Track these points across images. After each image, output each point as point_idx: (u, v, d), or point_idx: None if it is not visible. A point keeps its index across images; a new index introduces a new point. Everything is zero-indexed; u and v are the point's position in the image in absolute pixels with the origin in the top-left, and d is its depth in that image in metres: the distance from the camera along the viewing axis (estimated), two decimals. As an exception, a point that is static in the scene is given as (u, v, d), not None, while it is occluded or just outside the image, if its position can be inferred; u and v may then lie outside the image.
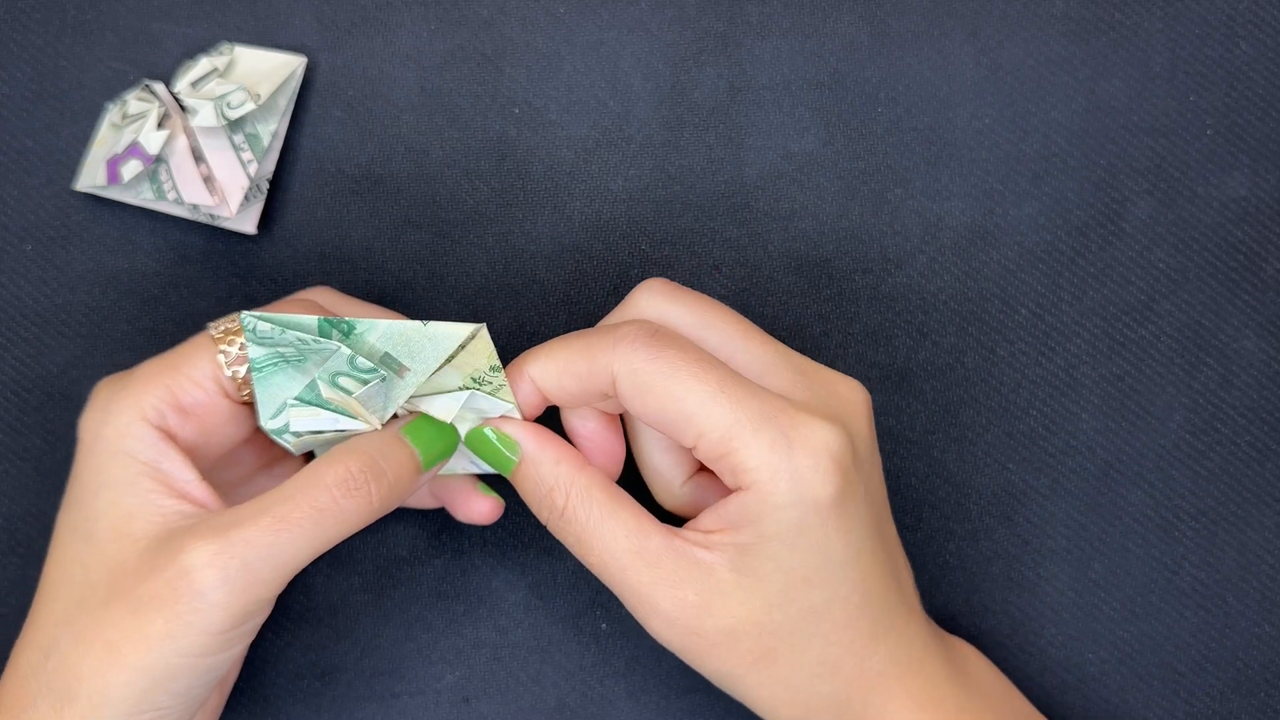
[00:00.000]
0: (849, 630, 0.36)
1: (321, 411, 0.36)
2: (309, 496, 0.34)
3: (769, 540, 0.35)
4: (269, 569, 0.33)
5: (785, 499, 0.34)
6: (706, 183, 0.44)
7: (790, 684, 0.36)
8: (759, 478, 0.34)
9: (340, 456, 0.35)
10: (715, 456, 0.35)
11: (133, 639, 0.33)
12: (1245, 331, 0.44)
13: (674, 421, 0.35)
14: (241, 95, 0.42)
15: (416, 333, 0.36)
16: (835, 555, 0.35)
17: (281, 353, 0.35)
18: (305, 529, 0.33)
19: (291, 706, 0.43)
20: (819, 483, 0.34)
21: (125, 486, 0.34)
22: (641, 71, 0.44)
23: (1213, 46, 0.44)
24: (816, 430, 0.34)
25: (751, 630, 0.35)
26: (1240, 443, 0.44)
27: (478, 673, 0.43)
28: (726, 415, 0.34)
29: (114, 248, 0.44)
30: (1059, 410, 0.44)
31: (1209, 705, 0.43)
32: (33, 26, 0.44)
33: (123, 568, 0.34)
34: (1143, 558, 0.44)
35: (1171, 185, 0.44)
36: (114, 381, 0.36)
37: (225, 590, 0.33)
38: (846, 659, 0.36)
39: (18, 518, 0.43)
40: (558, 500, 0.36)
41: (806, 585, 0.35)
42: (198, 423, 0.36)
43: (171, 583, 0.33)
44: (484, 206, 0.44)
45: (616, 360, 0.35)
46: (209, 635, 0.33)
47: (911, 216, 0.44)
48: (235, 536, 0.33)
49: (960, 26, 0.44)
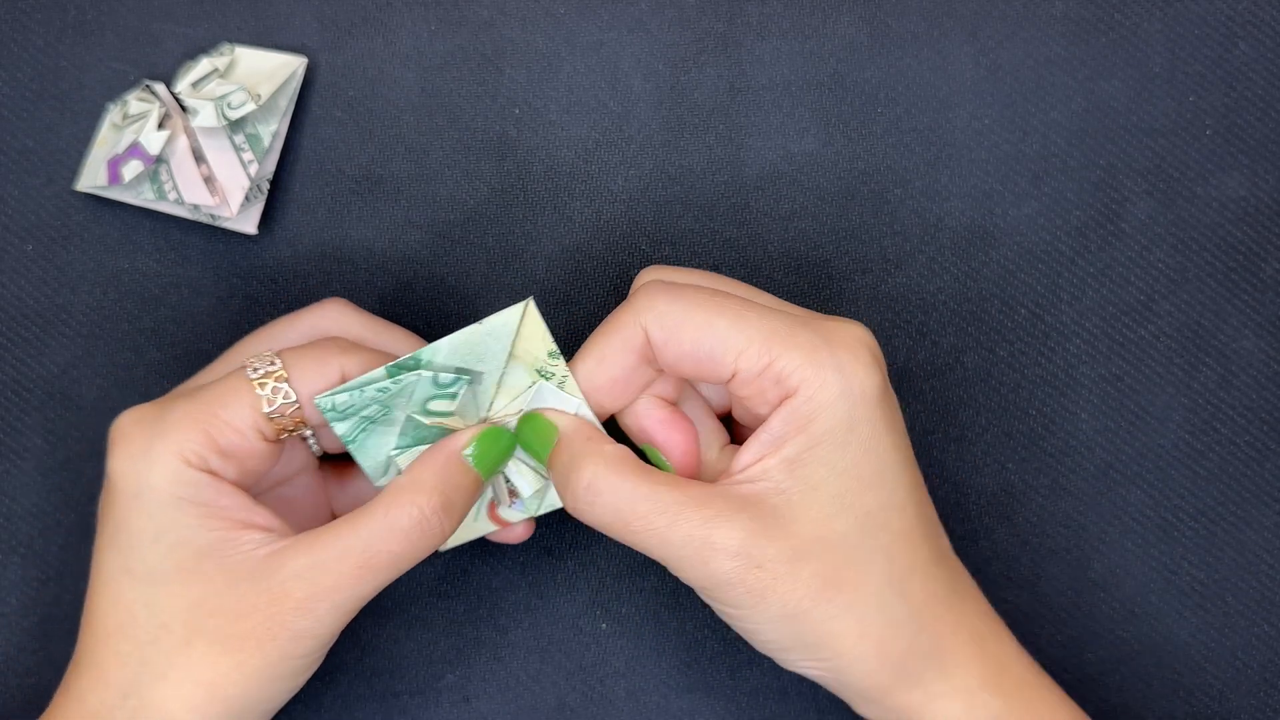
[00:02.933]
0: (909, 544, 0.35)
1: (423, 449, 0.37)
2: (386, 544, 0.35)
3: (819, 443, 0.34)
4: (354, 604, 0.36)
5: (833, 392, 0.34)
6: (706, 183, 0.44)
7: (861, 612, 0.35)
8: (806, 375, 0.34)
9: (410, 496, 0.36)
10: (757, 371, 0.35)
11: (230, 674, 0.35)
12: (1244, 331, 0.44)
13: (710, 350, 0.35)
14: (242, 96, 0.42)
15: (477, 335, 0.36)
16: (886, 456, 0.35)
17: (366, 417, 0.37)
18: (384, 573, 0.36)
19: (291, 706, 0.43)
20: (863, 373, 0.34)
21: (192, 530, 0.35)
22: (641, 72, 0.44)
23: (1212, 47, 0.44)
24: (849, 327, 0.35)
25: (815, 548, 0.34)
26: (1239, 442, 0.44)
27: (478, 673, 0.43)
28: (760, 325, 0.35)
29: (114, 248, 0.44)
30: (1058, 410, 0.44)
31: (1209, 705, 0.43)
32: (34, 27, 0.44)
33: (203, 608, 0.35)
34: (1142, 558, 0.44)
35: (1171, 185, 0.44)
36: (145, 421, 0.36)
37: (316, 626, 0.35)
38: (912, 581, 0.35)
39: (18, 518, 0.43)
40: (584, 472, 0.35)
41: (861, 488, 0.35)
42: (237, 464, 0.36)
43: (267, 624, 0.35)
44: (484, 206, 0.44)
45: (641, 314, 0.35)
46: (300, 660, 0.36)
47: (911, 217, 0.44)
48: (324, 584, 0.35)
49: (960, 27, 0.44)
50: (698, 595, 0.44)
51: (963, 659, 0.36)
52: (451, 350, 0.36)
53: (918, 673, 0.35)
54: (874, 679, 0.35)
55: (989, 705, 0.35)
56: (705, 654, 0.43)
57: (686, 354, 0.35)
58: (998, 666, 0.36)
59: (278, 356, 0.36)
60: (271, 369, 0.36)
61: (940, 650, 0.36)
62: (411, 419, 0.37)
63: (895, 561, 0.35)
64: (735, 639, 0.43)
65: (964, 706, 0.35)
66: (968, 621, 0.36)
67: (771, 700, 0.43)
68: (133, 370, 0.44)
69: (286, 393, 0.36)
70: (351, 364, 0.36)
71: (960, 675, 0.36)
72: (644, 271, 0.39)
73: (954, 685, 0.35)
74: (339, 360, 0.37)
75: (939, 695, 0.35)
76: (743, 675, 0.43)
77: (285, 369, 0.36)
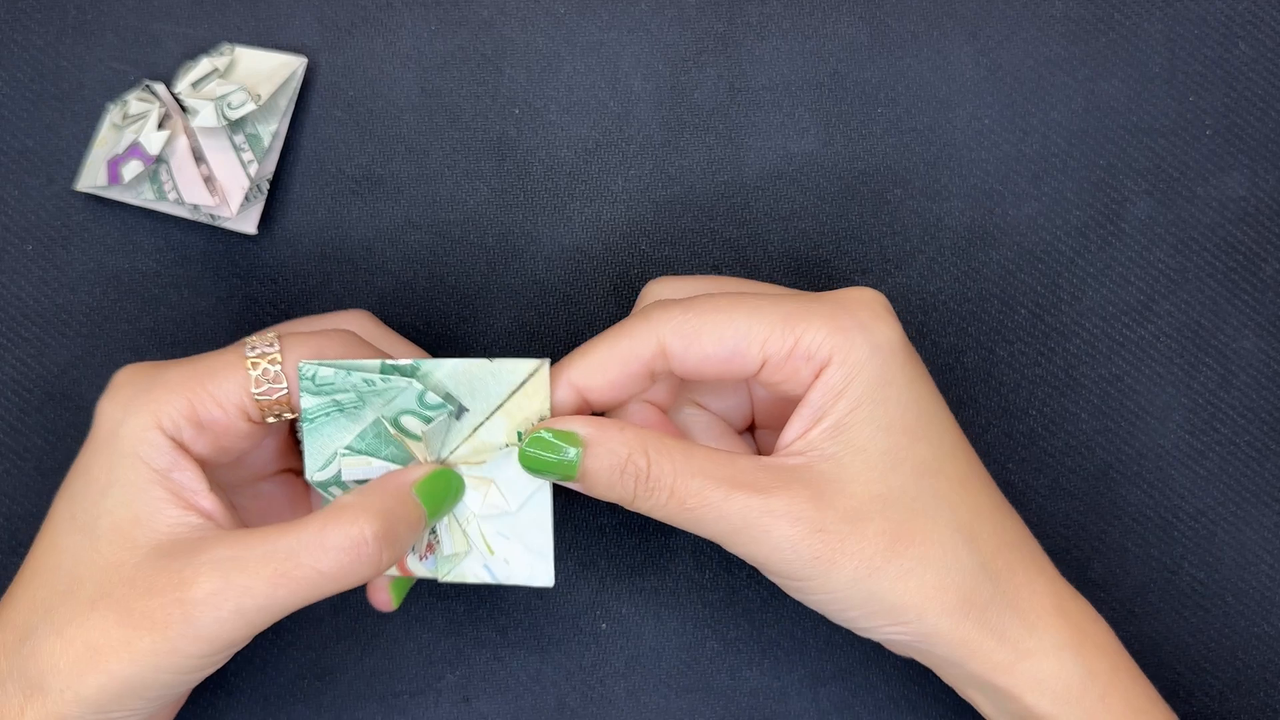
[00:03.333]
0: (969, 490, 0.35)
1: (373, 460, 0.36)
2: (314, 558, 0.33)
3: (859, 404, 0.34)
4: (263, 615, 0.34)
5: (864, 351, 0.34)
6: (706, 183, 0.44)
7: (935, 562, 0.34)
8: (835, 343, 0.34)
9: (351, 517, 0.34)
10: (785, 353, 0.35)
11: (117, 648, 0.33)
12: (1244, 331, 0.44)
13: (734, 346, 0.35)
14: (242, 96, 0.42)
15: (481, 369, 0.35)
16: (925, 404, 0.35)
17: (338, 401, 0.36)
18: (305, 587, 0.33)
19: (291, 706, 0.43)
20: (886, 328, 0.35)
21: (135, 490, 0.35)
22: (641, 72, 0.44)
23: (1211, 47, 0.44)
24: (860, 290, 0.36)
25: (875, 506, 0.34)
26: (1239, 443, 0.44)
27: (478, 673, 0.43)
28: (778, 310, 0.35)
29: (114, 248, 0.44)
30: (1058, 410, 0.44)
31: (1209, 705, 0.43)
32: (33, 27, 0.44)
33: (118, 573, 0.34)
34: (1142, 557, 0.44)
35: (1171, 185, 0.44)
36: (139, 377, 0.36)
37: (216, 627, 0.33)
38: (980, 526, 0.35)
39: (18, 518, 0.43)
40: (639, 461, 0.34)
41: (910, 438, 0.35)
42: (213, 439, 0.36)
43: (166, 609, 0.33)
44: (484, 206, 0.44)
45: (658, 326, 0.35)
46: (192, 659, 0.34)
47: (911, 217, 0.44)
48: (236, 582, 0.33)
49: (960, 27, 0.44)
50: (698, 595, 0.44)
51: (1045, 614, 0.35)
52: (450, 373, 0.35)
53: (1003, 626, 0.34)
54: (959, 633, 0.34)
55: (1076, 667, 0.35)
56: (705, 654, 0.43)
57: (709, 356, 0.35)
58: (1079, 626, 0.35)
59: (279, 339, 0.36)
60: (269, 350, 0.36)
61: (1020, 603, 0.35)
62: (379, 424, 0.36)
63: (959, 509, 0.35)
64: (735, 639, 0.43)
65: (1054, 665, 0.34)
66: (1042, 573, 0.36)
67: (771, 700, 0.43)
68: (133, 370, 0.44)
69: (276, 375, 0.36)
70: (351, 355, 0.36)
71: (1046, 632, 0.35)
72: (649, 287, 0.39)
73: (1042, 642, 0.35)
74: (338, 352, 0.36)
75: (1028, 653, 0.34)
76: (743, 675, 0.43)
77: (282, 353, 0.36)
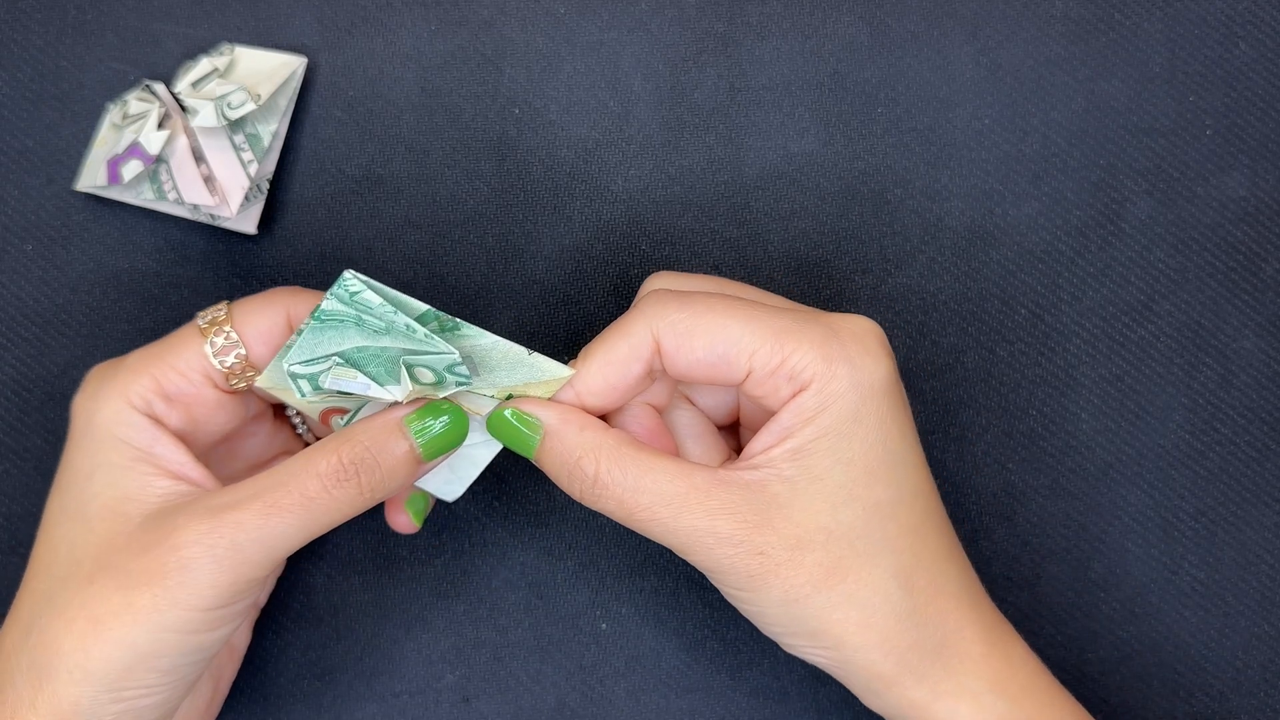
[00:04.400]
0: (918, 537, 0.35)
1: (358, 374, 0.35)
2: (300, 483, 0.34)
3: (826, 434, 0.34)
4: (257, 550, 0.33)
5: (843, 384, 0.34)
6: (706, 183, 0.44)
7: (863, 601, 0.35)
8: (817, 369, 0.34)
9: (334, 445, 0.35)
10: (771, 369, 0.35)
11: (118, 612, 0.33)
12: (1245, 331, 0.44)
13: (724, 353, 0.35)
14: (242, 95, 0.42)
15: (516, 356, 0.35)
16: (894, 447, 0.35)
17: (361, 319, 0.35)
18: (295, 515, 0.33)
19: (291, 706, 0.43)
20: (872, 365, 0.35)
21: (121, 470, 0.35)
22: (641, 72, 0.44)
23: (1212, 47, 0.44)
24: (857, 320, 0.36)
25: (818, 537, 0.34)
26: (1240, 442, 0.44)
27: (478, 673, 0.43)
28: (771, 325, 0.35)
29: (114, 248, 0.44)
30: (1058, 410, 0.44)
31: (1209, 705, 0.43)
32: (33, 26, 0.44)
33: (112, 545, 0.34)
34: (1142, 557, 0.44)
35: (1171, 185, 0.44)
36: (105, 368, 0.37)
37: (214, 568, 0.33)
38: (920, 572, 0.35)
39: (18, 518, 0.43)
40: (588, 467, 0.35)
41: (869, 478, 0.35)
42: (185, 411, 0.36)
43: (161, 559, 0.33)
44: (484, 206, 0.44)
45: (653, 321, 0.35)
46: (196, 611, 0.33)
47: (911, 217, 0.44)
48: (226, 518, 0.33)
49: (960, 27, 0.44)
50: (698, 595, 0.44)
51: (970, 658, 0.36)
52: (487, 347, 0.35)
53: (923, 668, 0.35)
54: (877, 669, 0.35)
55: (995, 708, 0.35)
56: (705, 654, 0.43)
57: (699, 360, 0.35)
58: (1006, 668, 0.36)
59: (227, 304, 0.37)
60: (219, 315, 0.36)
61: (946, 647, 0.35)
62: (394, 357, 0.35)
63: (902, 555, 0.35)
64: (735, 639, 0.43)
65: (971, 707, 0.35)
66: (977, 620, 0.36)
67: (771, 701, 0.43)
68: (133, 370, 0.44)
69: (229, 334, 0.36)
70: (299, 305, 0.36)
71: (967, 675, 0.35)
72: (650, 279, 0.39)
73: (961, 684, 0.35)
74: (285, 300, 0.36)
75: (945, 693, 0.35)
76: (743, 676, 0.43)
77: (230, 314, 0.36)
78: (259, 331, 0.36)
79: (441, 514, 0.44)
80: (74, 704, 0.33)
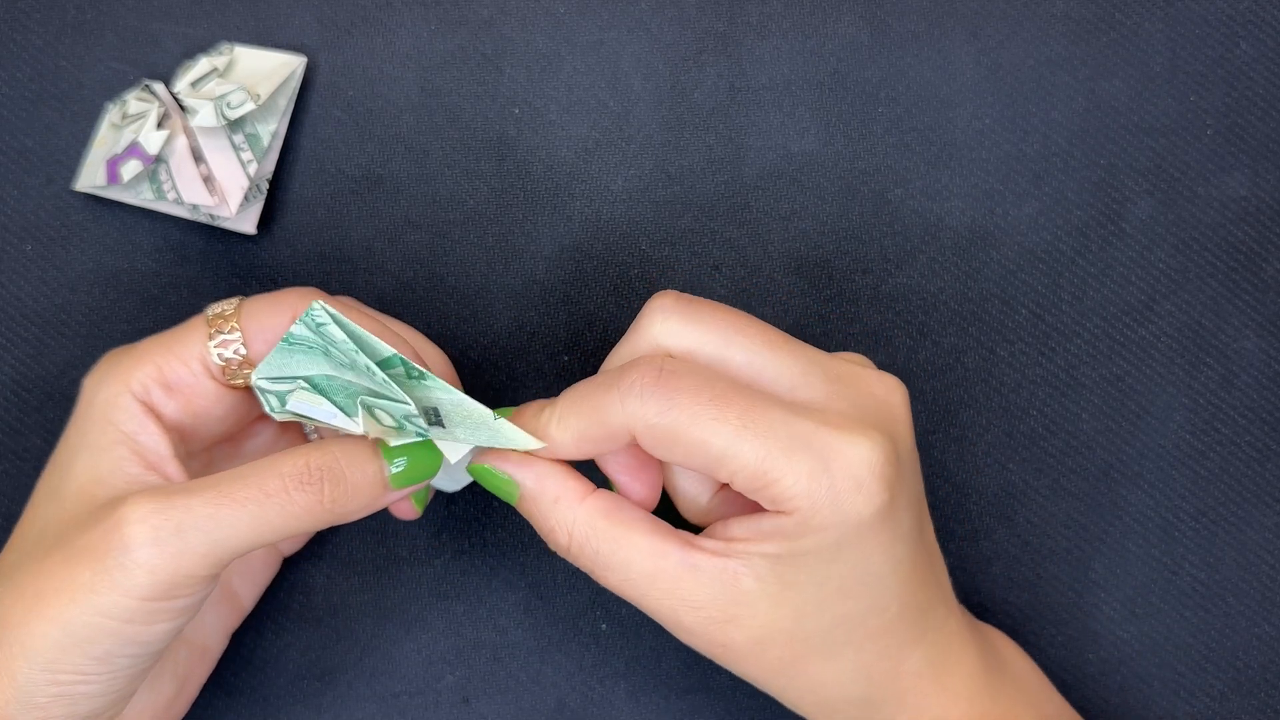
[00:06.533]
0: (883, 639, 0.35)
1: (324, 401, 0.35)
2: (260, 479, 0.33)
3: (805, 555, 0.34)
4: (202, 541, 0.32)
5: (827, 521, 0.33)
6: (706, 183, 0.44)
7: (819, 689, 0.36)
8: (800, 505, 0.33)
9: (305, 450, 0.34)
10: (752, 490, 0.34)
11: (58, 589, 0.32)
12: (1245, 331, 0.44)
13: (704, 465, 0.34)
14: (241, 95, 0.42)
15: (483, 418, 0.35)
16: (874, 568, 0.34)
17: (327, 351, 0.34)
18: (247, 510, 0.32)
19: (291, 706, 0.43)
20: (862, 503, 0.33)
21: (101, 452, 0.35)
22: (641, 71, 0.44)
23: (1213, 47, 0.44)
24: (857, 448, 0.33)
25: (780, 638, 0.35)
26: (1240, 443, 0.44)
27: (478, 673, 0.43)
28: (757, 449, 0.33)
29: (114, 248, 0.44)
30: (1059, 410, 0.44)
31: (1209, 705, 0.43)
32: (33, 26, 0.44)
33: (74, 521, 0.33)
34: (1143, 558, 0.44)
35: (1171, 185, 0.44)
36: (118, 352, 0.37)
37: (153, 550, 0.32)
38: (878, 665, 0.35)
39: (18, 518, 0.43)
40: (560, 540, 0.35)
41: (842, 597, 0.34)
42: (184, 401, 0.36)
43: (105, 534, 0.32)
44: (484, 206, 0.44)
45: (629, 419, 0.34)
46: (131, 599, 0.32)
47: (911, 216, 0.44)
48: (176, 501, 0.32)
49: (960, 26, 0.44)
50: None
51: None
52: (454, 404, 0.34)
53: None
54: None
55: None
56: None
57: (679, 461, 0.34)
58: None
59: (240, 300, 0.37)
60: (226, 309, 0.36)
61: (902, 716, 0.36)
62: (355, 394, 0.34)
63: (863, 653, 0.35)
64: (735, 639, 0.43)
65: None
66: (940, 692, 0.36)
67: (771, 701, 0.43)
68: (132, 370, 0.44)
69: (233, 328, 0.36)
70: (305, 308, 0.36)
71: None
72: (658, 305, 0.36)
73: None
74: (294, 304, 0.36)
75: None
76: (743, 675, 0.43)
77: (238, 310, 0.36)
78: (262, 329, 0.36)
79: (441, 514, 0.44)
80: (12, 678, 0.32)
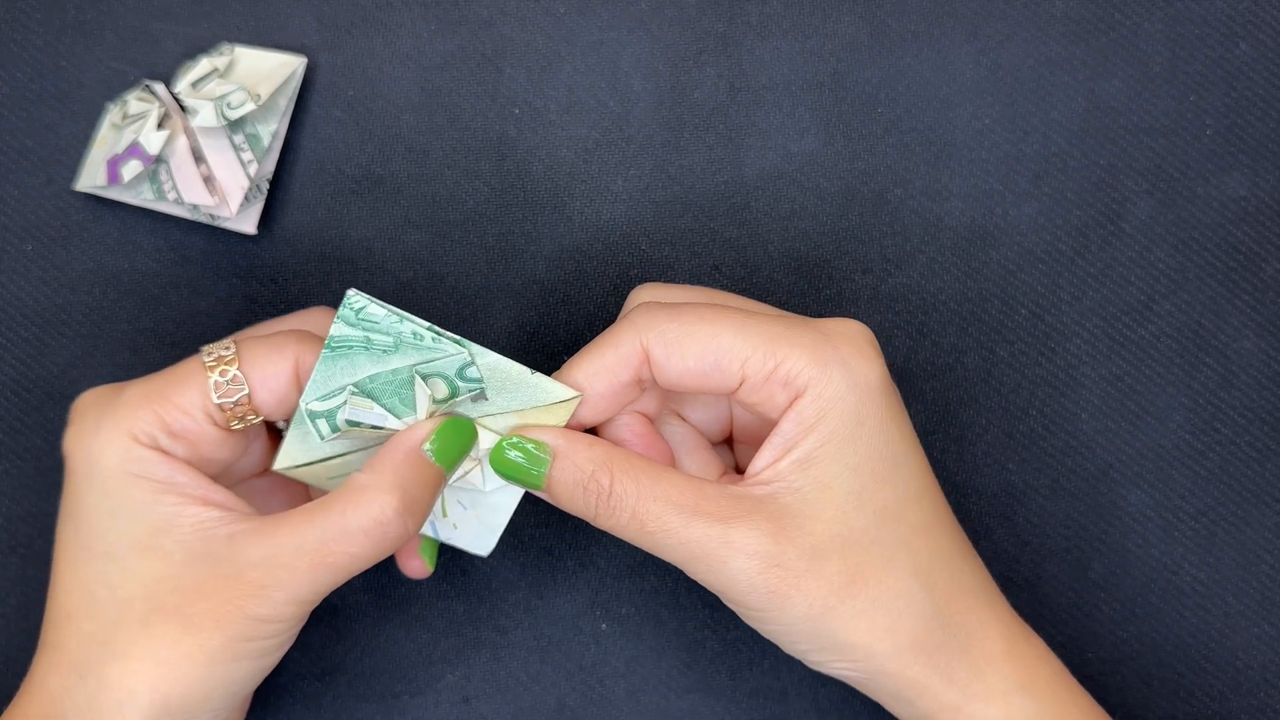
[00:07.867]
0: (930, 535, 0.35)
1: (375, 406, 0.36)
2: (343, 545, 0.34)
3: (830, 440, 0.34)
4: (310, 595, 0.35)
5: (841, 387, 0.34)
6: (706, 183, 0.44)
7: (887, 606, 0.35)
8: (812, 374, 0.34)
9: (374, 496, 0.34)
10: (764, 375, 0.35)
11: (191, 653, 0.34)
12: (1245, 331, 0.44)
13: (715, 361, 0.35)
14: (241, 95, 0.42)
15: (520, 375, 0.35)
16: (896, 447, 0.35)
17: (370, 340, 0.35)
18: (342, 570, 0.35)
19: (291, 706, 0.43)
20: (866, 366, 0.35)
21: (147, 506, 0.35)
22: (641, 71, 0.44)
23: (1212, 47, 0.44)
24: (847, 323, 0.36)
25: (834, 545, 0.34)
26: (1240, 443, 0.44)
27: (478, 673, 0.43)
28: (762, 331, 0.35)
29: (114, 248, 0.44)
30: (1059, 410, 0.44)
31: (1209, 705, 0.43)
32: (33, 26, 0.44)
33: (161, 585, 0.34)
34: (1142, 558, 0.44)
35: (1171, 185, 0.44)
36: (98, 401, 0.36)
37: (273, 610, 0.34)
38: (938, 570, 0.35)
39: (18, 518, 0.43)
40: (603, 480, 0.35)
41: (877, 480, 0.35)
42: (190, 448, 0.36)
43: (225, 607, 0.34)
44: (484, 206, 0.44)
45: (642, 331, 0.35)
46: (259, 644, 0.35)
47: (911, 217, 0.44)
48: (280, 577, 0.34)
49: (960, 27, 0.44)
50: (698, 595, 0.44)
51: (995, 658, 0.35)
52: (491, 364, 0.35)
53: (952, 670, 0.35)
54: (908, 675, 0.35)
55: (1025, 708, 0.35)
56: (705, 654, 0.43)
57: (691, 369, 0.35)
58: (1028, 667, 0.36)
59: (234, 343, 0.36)
60: (225, 354, 0.36)
61: (971, 648, 0.35)
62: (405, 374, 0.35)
63: (918, 554, 0.35)
64: (735, 639, 0.43)
65: (1001, 709, 0.35)
66: (995, 618, 0.36)
67: (772, 701, 0.43)
68: (132, 370, 0.44)
69: (235, 376, 0.35)
70: (308, 354, 0.36)
71: (994, 675, 0.35)
72: (636, 291, 0.39)
73: (989, 686, 0.35)
74: (295, 349, 0.36)
75: (976, 696, 0.35)
76: (743, 676, 0.43)
77: (238, 355, 0.36)
78: (265, 377, 0.36)
79: (441, 514, 0.44)
80: None
